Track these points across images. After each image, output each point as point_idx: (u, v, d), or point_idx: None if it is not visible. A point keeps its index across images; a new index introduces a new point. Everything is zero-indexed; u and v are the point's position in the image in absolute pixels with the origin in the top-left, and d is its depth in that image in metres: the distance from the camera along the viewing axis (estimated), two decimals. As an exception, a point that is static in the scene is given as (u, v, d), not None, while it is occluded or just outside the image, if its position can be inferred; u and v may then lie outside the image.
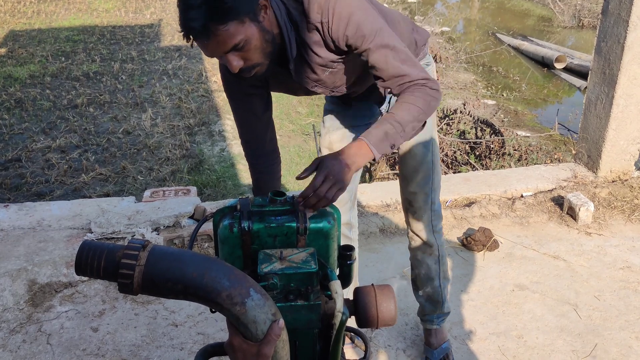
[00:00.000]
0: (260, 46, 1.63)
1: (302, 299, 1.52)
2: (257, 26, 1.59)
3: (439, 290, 2.48)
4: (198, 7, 1.49)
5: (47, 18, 10.89)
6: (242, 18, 1.55)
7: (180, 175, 5.52)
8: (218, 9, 1.51)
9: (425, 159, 2.29)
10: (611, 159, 3.91)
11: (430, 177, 2.32)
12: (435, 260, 2.44)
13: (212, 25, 1.52)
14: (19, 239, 3.16)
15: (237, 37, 1.56)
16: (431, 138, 2.28)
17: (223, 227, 1.57)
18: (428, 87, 1.71)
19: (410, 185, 2.33)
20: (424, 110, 1.69)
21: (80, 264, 1.19)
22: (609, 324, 2.81)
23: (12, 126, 6.46)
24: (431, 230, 2.39)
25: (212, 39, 1.55)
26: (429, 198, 2.34)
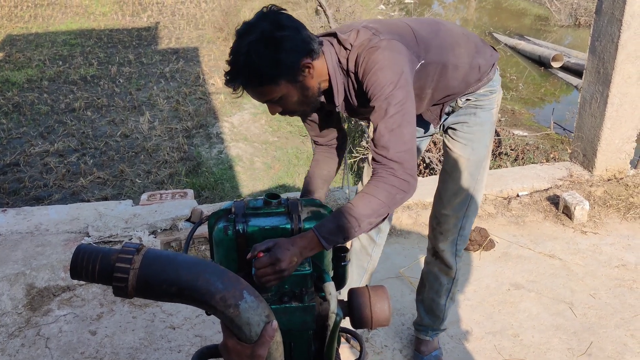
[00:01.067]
0: (298, 100, 1.74)
1: (297, 300, 1.54)
2: (294, 85, 1.70)
3: (442, 308, 2.48)
4: (239, 67, 1.63)
5: (44, 22, 10.91)
6: (277, 81, 1.66)
7: (178, 178, 5.54)
8: (254, 74, 1.63)
9: (467, 186, 2.22)
10: (606, 158, 3.92)
11: (467, 203, 2.25)
12: (450, 281, 2.41)
13: (248, 85, 1.67)
14: (17, 243, 3.17)
15: (271, 95, 1.69)
16: (480, 164, 2.20)
17: (218, 229, 1.58)
18: (397, 176, 1.65)
19: (445, 207, 2.28)
20: (387, 204, 1.65)
21: (75, 268, 1.20)
22: (604, 322, 2.83)
23: (10, 130, 6.47)
24: (454, 253, 2.35)
25: (250, 93, 1.70)
26: (460, 222, 2.29)
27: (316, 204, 1.70)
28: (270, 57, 1.62)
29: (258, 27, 1.64)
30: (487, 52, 2.10)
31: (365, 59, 1.74)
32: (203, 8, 11.90)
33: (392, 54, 1.74)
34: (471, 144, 2.16)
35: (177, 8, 11.94)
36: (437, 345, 2.58)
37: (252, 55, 1.60)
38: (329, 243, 1.58)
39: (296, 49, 1.66)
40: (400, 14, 12.79)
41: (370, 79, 1.73)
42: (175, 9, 11.89)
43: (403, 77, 1.72)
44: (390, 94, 1.70)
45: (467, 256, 3.33)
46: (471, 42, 2.07)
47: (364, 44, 1.75)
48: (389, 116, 1.69)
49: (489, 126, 2.17)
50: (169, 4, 12.29)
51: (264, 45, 1.61)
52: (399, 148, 1.67)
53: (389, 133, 1.68)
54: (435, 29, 2.01)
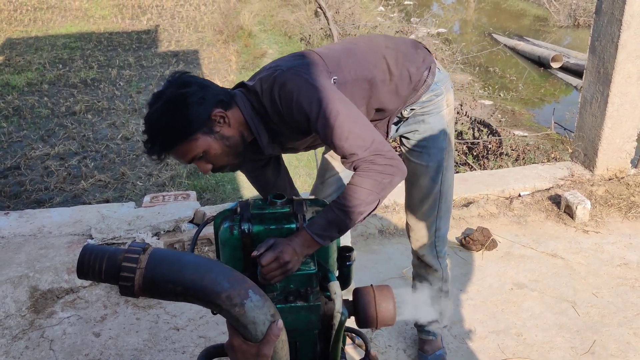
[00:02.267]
0: (222, 152, 1.75)
1: (302, 300, 1.54)
2: (213, 137, 1.72)
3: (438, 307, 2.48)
4: (152, 133, 1.68)
5: (44, 26, 10.92)
6: (193, 136, 1.68)
7: (180, 180, 5.54)
8: (169, 136, 1.68)
9: (431, 191, 2.21)
10: (607, 157, 3.93)
11: (436, 206, 2.25)
12: (438, 281, 2.42)
13: (166, 149, 1.70)
14: (20, 246, 3.17)
15: (193, 152, 1.71)
16: (440, 168, 2.19)
17: (223, 229, 1.59)
18: (377, 163, 1.65)
19: (414, 214, 2.29)
20: (374, 190, 1.64)
21: (82, 267, 1.21)
22: (607, 321, 2.83)
23: (11, 134, 6.48)
24: (435, 255, 2.35)
25: (173, 156, 1.73)
26: (433, 226, 2.29)
27: (320, 203, 1.70)
28: (180, 115, 1.66)
29: (165, 92, 1.69)
30: (419, 59, 2.05)
31: (280, 96, 1.73)
32: (202, 11, 11.91)
33: (300, 76, 1.73)
34: (426, 151, 2.15)
35: (176, 11, 11.96)
36: (440, 344, 2.58)
37: (162, 118, 1.66)
38: (324, 239, 1.59)
39: (203, 101, 1.69)
40: (399, 15, 12.80)
41: (295, 111, 1.72)
42: (175, 12, 11.91)
43: (322, 90, 1.71)
44: (321, 112, 1.68)
45: (470, 256, 3.34)
46: (398, 52, 2.02)
47: (271, 84, 1.75)
48: (335, 129, 1.67)
49: (442, 128, 2.15)
50: (168, 7, 12.30)
51: (171, 106, 1.66)
52: (365, 146, 1.66)
53: (347, 142, 1.67)
54: (349, 48, 1.99)
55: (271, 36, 10.81)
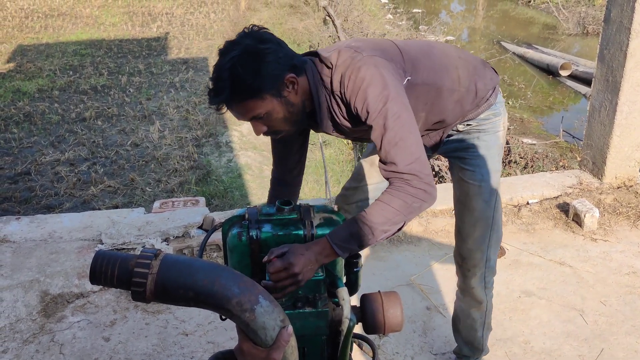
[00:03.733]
0: (283, 117, 1.72)
1: (310, 306, 1.56)
2: (279, 101, 1.69)
3: (480, 340, 2.42)
4: (223, 82, 1.62)
5: (55, 32, 11.01)
6: (262, 95, 1.64)
7: (188, 187, 5.57)
8: (239, 87, 1.63)
9: (484, 215, 2.13)
10: (616, 166, 3.92)
11: (488, 233, 2.16)
12: (482, 315, 2.36)
13: (232, 100, 1.65)
14: (31, 250, 3.20)
15: (257, 110, 1.67)
16: (493, 190, 2.12)
17: (232, 235, 1.61)
18: (413, 186, 1.62)
19: (466, 241, 2.19)
20: (401, 212, 1.61)
21: (94, 273, 1.23)
22: (615, 329, 2.83)
23: (22, 140, 6.53)
24: (483, 287, 2.27)
25: (234, 110, 1.69)
26: (485, 255, 2.20)
27: (328, 210, 1.72)
28: (254, 69, 1.62)
29: (240, 43, 1.64)
30: (487, 76, 2.04)
31: (350, 78, 1.70)
32: (212, 19, 11.98)
33: (377, 69, 1.70)
34: (479, 170, 2.09)
35: (186, 19, 12.03)
36: None
37: (236, 68, 1.61)
38: (343, 251, 1.58)
39: (279, 62, 1.66)
40: (407, 23, 12.83)
41: (359, 98, 1.69)
42: (185, 19, 11.98)
43: (393, 90, 1.68)
44: (383, 109, 1.65)
45: (477, 264, 3.34)
46: (469, 64, 2.01)
47: (347, 63, 1.72)
48: (389, 131, 1.65)
49: (496, 150, 2.11)
50: (178, 14, 12.38)
51: (247, 58, 1.62)
52: (407, 160, 1.63)
53: (394, 148, 1.64)
54: (426, 50, 1.96)
55: (280, 44, 10.84)
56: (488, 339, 2.48)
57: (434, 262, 3.35)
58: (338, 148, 6.92)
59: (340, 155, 6.74)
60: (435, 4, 17.61)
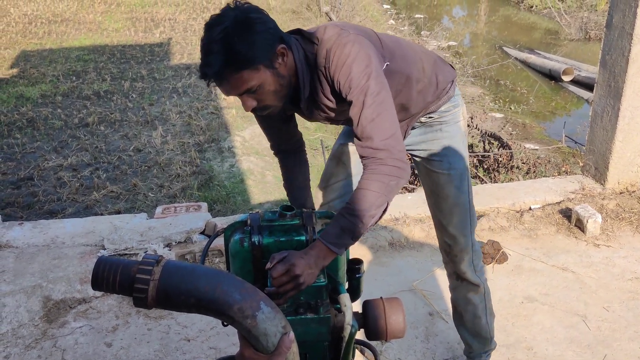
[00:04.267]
0: (274, 90, 1.71)
1: (312, 312, 1.56)
2: (272, 72, 1.67)
3: (486, 327, 2.43)
4: (216, 53, 1.58)
5: (58, 38, 11.05)
6: (256, 66, 1.63)
7: (191, 192, 5.58)
8: (233, 58, 1.59)
9: (459, 200, 2.18)
10: (618, 171, 3.92)
11: (467, 218, 2.22)
12: (482, 299, 2.38)
13: (226, 71, 1.61)
14: (34, 256, 3.21)
15: (250, 82, 1.64)
16: (463, 176, 2.18)
17: (234, 241, 1.61)
18: (386, 164, 1.65)
19: (448, 229, 2.24)
20: (382, 193, 1.64)
21: (97, 279, 1.23)
22: (618, 335, 2.82)
23: (24, 145, 6.55)
24: (474, 270, 2.31)
25: (225, 83, 1.65)
26: (469, 240, 2.25)
27: (330, 215, 1.72)
28: (248, 39, 1.59)
29: (228, 16, 1.62)
30: (446, 69, 2.13)
31: (336, 54, 1.71)
32: (214, 24, 12.01)
33: (362, 47, 1.73)
34: (446, 159, 2.15)
35: (189, 24, 12.06)
36: None
37: (228, 39, 1.57)
38: (339, 247, 1.59)
39: (270, 32, 1.65)
40: (410, 28, 12.85)
41: (342, 73, 1.70)
42: (187, 25, 12.01)
43: (374, 69, 1.72)
44: (365, 85, 1.69)
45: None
46: (430, 58, 2.10)
47: (333, 39, 1.74)
48: (367, 107, 1.68)
49: (460, 138, 2.18)
50: (181, 20, 12.41)
51: (239, 28, 1.59)
52: (383, 135, 1.67)
53: (370, 123, 1.68)
54: (397, 41, 2.03)
55: (282, 49, 10.87)
56: (494, 328, 2.48)
57: (436, 267, 3.35)
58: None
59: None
60: (437, 10, 17.64)
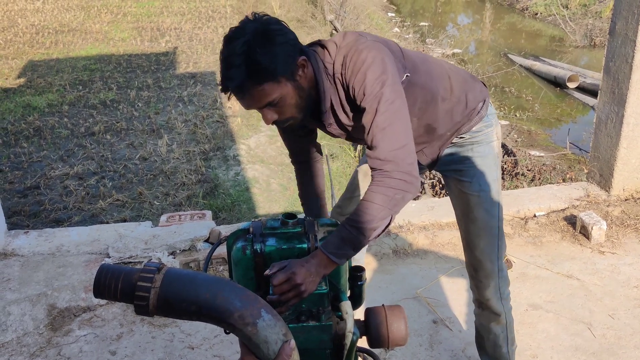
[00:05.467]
0: (295, 102, 1.69)
1: (314, 319, 1.56)
2: (293, 84, 1.66)
3: (506, 356, 2.38)
4: (237, 66, 1.57)
5: (65, 48, 11.12)
6: (278, 78, 1.61)
7: (196, 200, 5.59)
8: (255, 70, 1.58)
9: (488, 224, 2.12)
10: (623, 178, 3.91)
11: (495, 243, 2.15)
12: (503, 328, 2.32)
13: (248, 84, 1.60)
14: (39, 264, 3.22)
15: (272, 95, 1.63)
16: (494, 199, 2.11)
17: (236, 249, 1.62)
18: (392, 177, 1.61)
19: (475, 253, 2.18)
20: (385, 206, 1.60)
21: (98, 286, 1.24)
22: (623, 343, 2.81)
23: (31, 154, 6.59)
24: (499, 297, 2.25)
25: (247, 97, 1.64)
26: (496, 265, 2.18)
27: (332, 223, 1.73)
28: (270, 51, 1.58)
29: (248, 28, 1.60)
30: (477, 88, 2.07)
31: (352, 59, 1.69)
32: (220, 33, 12.06)
33: (379, 53, 1.70)
34: (477, 180, 2.09)
35: (194, 33, 12.12)
36: None
37: (250, 52, 1.56)
38: (339, 257, 1.58)
39: (290, 43, 1.64)
40: (414, 36, 12.87)
41: (358, 79, 1.68)
42: (193, 34, 12.07)
43: (391, 76, 1.68)
44: (379, 92, 1.65)
45: (484, 277, 3.33)
46: (460, 76, 2.04)
47: (350, 45, 1.72)
48: (379, 114, 1.64)
49: (492, 159, 2.11)
50: (186, 29, 12.48)
51: (261, 40, 1.58)
52: (392, 146, 1.63)
53: (381, 132, 1.64)
54: (423, 57, 1.99)
55: (287, 57, 10.91)
56: (515, 355, 2.42)
57: (441, 275, 3.34)
58: (345, 161, 6.93)
59: (347, 168, 6.75)
60: (441, 17, 17.67)
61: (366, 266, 2.52)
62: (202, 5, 14.80)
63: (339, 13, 11.20)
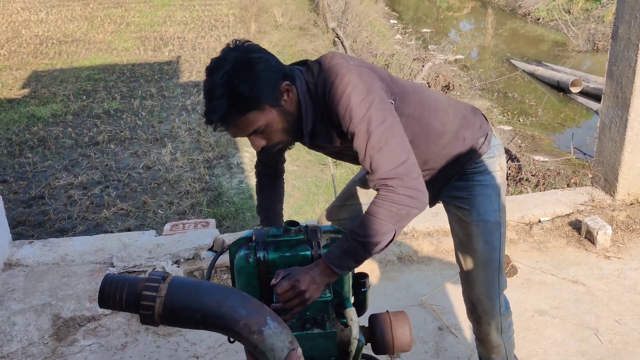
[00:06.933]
0: (282, 127, 1.68)
1: (319, 327, 1.56)
2: (278, 110, 1.64)
3: None
4: (219, 97, 1.56)
5: (69, 58, 11.17)
6: (262, 106, 1.60)
7: (200, 208, 5.59)
8: (237, 101, 1.57)
9: (487, 256, 2.05)
10: (628, 182, 3.90)
11: (496, 278, 2.07)
12: (503, 356, 2.26)
13: (232, 115, 1.59)
14: (43, 274, 3.22)
15: (257, 123, 1.62)
16: (494, 231, 2.03)
17: (239, 257, 1.62)
18: (396, 192, 1.56)
19: (474, 287, 2.10)
20: (389, 222, 1.56)
21: (103, 297, 1.24)
22: (630, 348, 2.79)
23: (36, 164, 6.60)
24: (499, 332, 2.17)
25: (232, 127, 1.63)
26: (496, 303, 2.10)
27: (334, 230, 1.72)
28: (251, 80, 1.57)
29: (229, 58, 1.59)
30: (476, 124, 2.00)
31: (334, 83, 1.64)
32: (223, 42, 12.11)
33: (361, 77, 1.65)
34: (476, 208, 2.01)
35: (197, 42, 12.16)
36: None
37: (232, 82, 1.55)
38: (341, 269, 1.57)
39: (273, 70, 1.62)
40: (416, 43, 12.89)
41: (342, 103, 1.62)
42: (196, 43, 12.11)
43: (377, 97, 1.63)
44: (367, 114, 1.60)
45: (489, 283, 3.31)
46: (459, 112, 1.98)
47: (334, 69, 1.67)
48: (372, 136, 1.59)
49: (494, 188, 2.02)
50: (189, 38, 12.53)
51: (241, 70, 1.57)
52: (393, 164, 1.58)
53: (378, 153, 1.59)
54: (418, 88, 1.93)
55: (290, 65, 10.94)
56: None
57: (446, 281, 3.33)
58: (349, 167, 6.93)
59: (350, 175, 6.75)
60: (444, 24, 17.69)
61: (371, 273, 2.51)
62: (204, 14, 14.87)
63: (341, 21, 11.22)
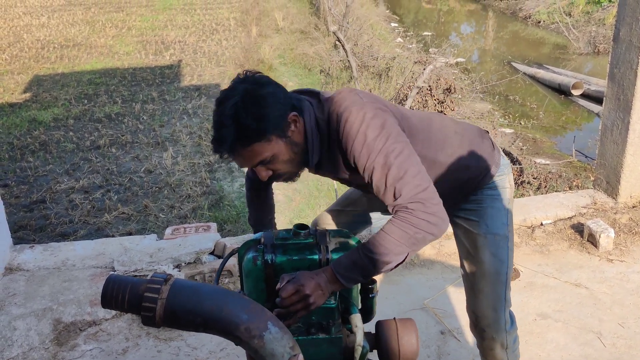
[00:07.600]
0: (289, 158, 1.68)
1: (324, 332, 1.55)
2: (284, 141, 1.65)
3: None
4: (227, 127, 1.58)
5: (70, 62, 11.19)
6: (268, 137, 1.61)
7: (201, 212, 5.59)
8: (244, 132, 1.59)
9: (494, 268, 2.00)
10: (630, 185, 3.88)
11: (502, 291, 2.02)
12: None
13: (238, 146, 1.60)
14: (44, 278, 3.22)
15: (264, 154, 1.63)
16: (501, 244, 2.00)
17: (247, 260, 1.61)
18: (415, 216, 1.55)
19: (479, 298, 2.05)
20: (403, 243, 1.55)
21: (105, 297, 1.24)
22: (634, 352, 2.77)
23: (37, 168, 6.61)
24: (504, 348, 2.12)
25: (238, 157, 1.64)
26: (502, 317, 2.05)
27: (344, 234, 1.71)
28: (258, 112, 1.58)
29: (238, 89, 1.61)
30: (484, 148, 1.99)
31: (348, 120, 1.64)
32: (224, 46, 12.12)
33: (376, 112, 1.66)
34: (484, 220, 2.00)
35: (198, 46, 12.18)
36: None
37: (238, 114, 1.57)
38: (347, 280, 1.56)
39: (281, 102, 1.63)
40: (417, 46, 12.89)
41: (357, 141, 1.62)
42: (197, 47, 12.13)
43: (394, 131, 1.63)
44: (384, 148, 1.60)
45: (492, 286, 3.30)
46: (466, 138, 1.97)
47: (346, 104, 1.67)
48: (392, 168, 1.59)
49: (501, 203, 2.01)
50: (190, 42, 12.54)
51: (248, 102, 1.58)
52: (415, 190, 1.57)
53: (399, 182, 1.58)
54: (427, 123, 1.92)
55: (291, 69, 10.96)
56: None
57: (448, 285, 3.32)
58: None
59: (352, 178, 6.73)
60: (444, 27, 17.70)
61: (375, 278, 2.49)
62: (205, 18, 14.89)
63: (342, 24, 11.22)
